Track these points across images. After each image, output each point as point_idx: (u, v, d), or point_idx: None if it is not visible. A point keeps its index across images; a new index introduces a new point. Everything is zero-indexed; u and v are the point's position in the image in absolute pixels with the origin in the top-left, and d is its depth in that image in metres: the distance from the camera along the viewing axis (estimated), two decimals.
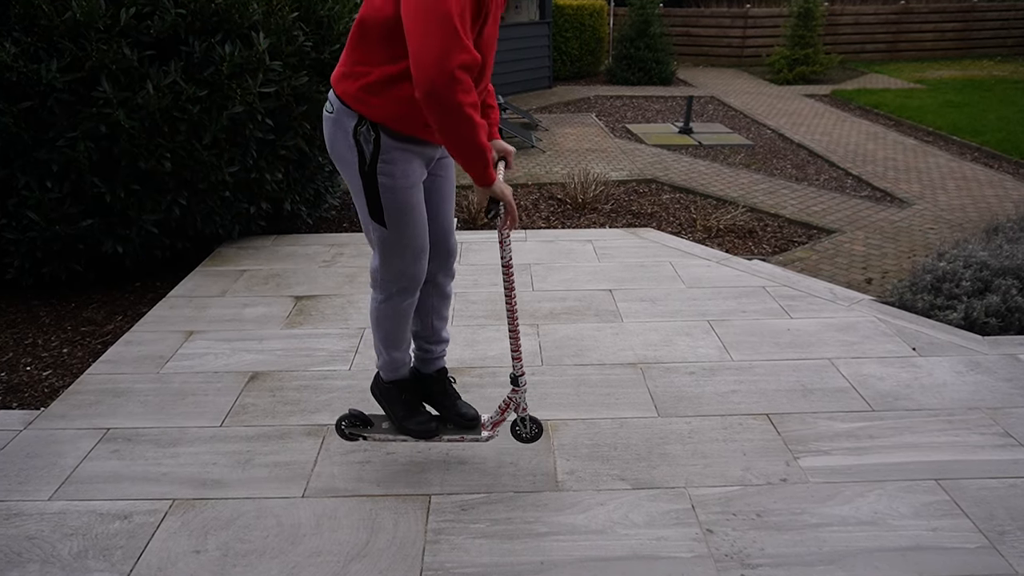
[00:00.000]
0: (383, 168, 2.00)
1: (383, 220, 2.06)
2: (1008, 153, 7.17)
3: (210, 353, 3.28)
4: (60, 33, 3.53)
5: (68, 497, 2.38)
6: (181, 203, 4.02)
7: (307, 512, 2.30)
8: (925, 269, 3.83)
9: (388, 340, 2.28)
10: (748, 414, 2.79)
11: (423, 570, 2.07)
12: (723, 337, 3.38)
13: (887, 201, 5.88)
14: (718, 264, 4.24)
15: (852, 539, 2.17)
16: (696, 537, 2.19)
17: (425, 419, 2.36)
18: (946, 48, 14.48)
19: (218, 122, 3.93)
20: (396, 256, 2.12)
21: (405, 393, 2.37)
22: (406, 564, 2.09)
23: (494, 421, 2.36)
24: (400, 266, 2.13)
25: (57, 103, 3.57)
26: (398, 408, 2.36)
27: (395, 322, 2.23)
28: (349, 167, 2.03)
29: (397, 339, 2.28)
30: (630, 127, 8.62)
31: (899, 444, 2.60)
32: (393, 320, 2.23)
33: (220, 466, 2.53)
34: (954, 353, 3.21)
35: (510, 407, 2.33)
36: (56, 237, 3.77)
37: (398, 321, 2.23)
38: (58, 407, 2.88)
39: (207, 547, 2.16)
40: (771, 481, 2.43)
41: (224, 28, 3.95)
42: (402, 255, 2.11)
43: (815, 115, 9.35)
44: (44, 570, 2.08)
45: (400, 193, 2.02)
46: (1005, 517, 2.25)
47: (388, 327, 2.25)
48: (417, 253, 2.13)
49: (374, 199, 2.03)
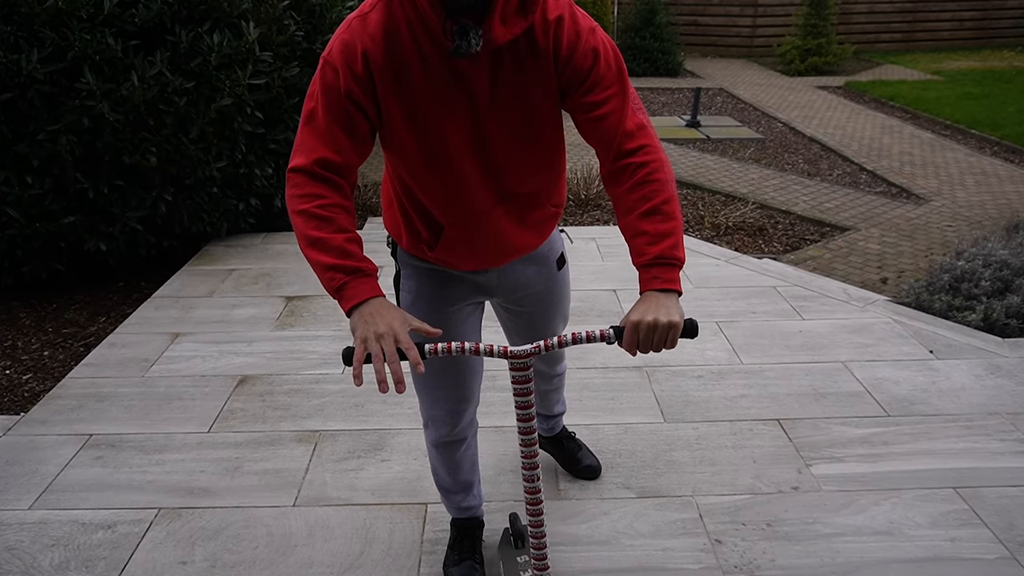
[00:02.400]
0: (405, 284, 1.79)
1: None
2: None
3: (197, 356, 3.28)
4: (41, 22, 3.53)
5: (49, 506, 2.38)
6: (167, 199, 4.02)
7: (298, 521, 2.30)
8: (943, 268, 3.83)
9: (433, 473, 2.06)
10: (758, 419, 2.79)
11: None
12: (732, 339, 3.38)
13: (903, 197, 5.88)
14: (727, 263, 4.24)
15: (866, 550, 2.17)
16: (704, 548, 2.18)
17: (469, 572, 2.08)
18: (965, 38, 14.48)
19: (206, 115, 3.93)
20: (417, 386, 1.86)
21: (460, 536, 2.13)
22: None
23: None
24: (422, 398, 1.88)
25: (38, 95, 3.57)
26: (449, 550, 2.14)
27: (433, 458, 2.01)
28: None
29: (440, 477, 2.04)
30: None
31: (915, 451, 2.60)
32: (431, 454, 2.01)
33: (208, 474, 2.53)
34: (973, 356, 3.21)
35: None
36: (37, 235, 3.76)
37: (436, 457, 1.99)
38: (39, 412, 2.88)
39: (194, 558, 2.16)
40: (782, 489, 2.42)
41: (212, 17, 3.95)
42: (421, 390, 1.86)
43: (828, 108, 9.35)
44: None
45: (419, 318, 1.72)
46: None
47: (430, 459, 2.03)
48: (434, 396, 1.84)
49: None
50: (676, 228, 1.42)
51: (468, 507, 2.11)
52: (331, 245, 1.41)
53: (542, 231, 1.74)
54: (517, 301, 1.87)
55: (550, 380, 2.23)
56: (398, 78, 1.44)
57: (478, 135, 1.51)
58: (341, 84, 1.43)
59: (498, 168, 1.55)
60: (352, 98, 1.44)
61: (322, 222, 1.43)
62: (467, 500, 2.10)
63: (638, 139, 1.48)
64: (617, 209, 1.51)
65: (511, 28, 1.40)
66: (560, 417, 2.43)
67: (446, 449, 1.95)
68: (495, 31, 1.39)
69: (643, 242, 1.42)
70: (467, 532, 2.14)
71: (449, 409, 1.86)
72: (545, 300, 1.89)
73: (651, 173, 1.46)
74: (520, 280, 1.82)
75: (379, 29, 1.43)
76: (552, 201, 1.71)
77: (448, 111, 1.47)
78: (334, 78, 1.44)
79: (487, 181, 1.56)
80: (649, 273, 1.41)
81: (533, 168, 1.59)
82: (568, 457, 2.49)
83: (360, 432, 2.75)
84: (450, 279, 1.76)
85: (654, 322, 1.34)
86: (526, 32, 1.44)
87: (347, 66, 1.43)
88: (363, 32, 1.43)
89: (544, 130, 1.54)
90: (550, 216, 1.73)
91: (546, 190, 1.66)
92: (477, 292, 1.81)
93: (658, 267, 1.40)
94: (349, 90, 1.43)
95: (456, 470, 2.01)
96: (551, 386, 2.26)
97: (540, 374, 2.21)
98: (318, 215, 1.43)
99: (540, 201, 1.66)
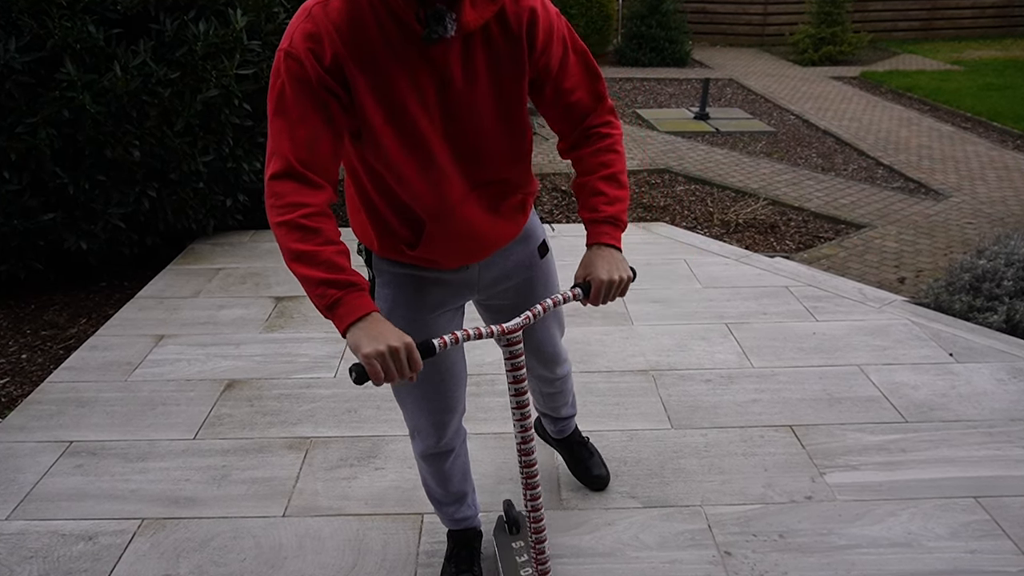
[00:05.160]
0: (380, 292, 1.78)
1: None
2: None
3: (182, 359, 3.29)
4: (19, 8, 3.53)
5: (27, 516, 2.38)
6: (151, 195, 4.02)
7: (288, 532, 2.30)
8: (963, 267, 3.83)
9: (424, 485, 2.07)
10: (770, 426, 2.80)
11: None
12: (742, 342, 3.39)
13: (921, 193, 5.89)
14: (737, 262, 4.24)
15: (883, 562, 2.17)
16: (713, 560, 2.19)
17: None
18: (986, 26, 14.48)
19: (191, 107, 3.93)
20: (399, 396, 1.87)
21: (457, 547, 2.14)
22: None
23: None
24: (405, 409, 1.88)
25: (16, 86, 3.57)
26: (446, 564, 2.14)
27: (422, 469, 2.01)
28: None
29: (430, 489, 2.04)
30: (641, 112, 8.62)
31: (935, 459, 2.60)
32: (420, 467, 2.01)
33: (193, 482, 2.53)
34: (995, 359, 3.21)
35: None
36: (14, 232, 3.76)
37: (425, 469, 2.00)
38: (16, 418, 2.88)
39: (179, 571, 2.17)
40: (795, 499, 2.43)
41: (198, 4, 3.95)
42: (404, 400, 1.86)
43: (843, 99, 9.35)
44: None
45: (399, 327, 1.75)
46: None
47: (420, 471, 2.04)
48: (419, 406, 1.84)
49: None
50: (627, 197, 1.72)
51: (463, 518, 2.11)
52: (320, 259, 1.40)
53: (518, 219, 1.78)
54: (501, 294, 1.89)
55: (552, 383, 2.23)
56: (366, 67, 1.44)
57: (451, 121, 1.54)
58: (311, 74, 1.42)
59: (472, 154, 1.60)
60: (325, 85, 1.43)
61: (307, 233, 1.41)
62: (461, 511, 2.10)
63: (604, 115, 1.71)
64: (577, 168, 1.73)
65: (481, 13, 1.45)
66: (570, 420, 2.43)
67: (434, 461, 1.95)
68: (467, 15, 1.43)
69: (601, 200, 1.68)
70: (464, 543, 2.13)
71: (434, 421, 1.86)
72: (530, 289, 1.91)
73: (614, 144, 1.70)
74: (503, 271, 1.84)
75: (342, 16, 1.43)
76: (524, 188, 1.75)
77: (420, 98, 1.49)
78: (300, 69, 1.42)
79: (462, 168, 1.60)
80: (601, 228, 1.67)
81: (506, 153, 1.64)
82: (577, 463, 2.49)
83: (353, 439, 2.75)
84: (429, 284, 1.76)
85: (616, 279, 1.62)
86: (497, 16, 1.49)
87: (313, 55, 1.42)
88: (326, 20, 1.43)
89: (515, 114, 1.60)
90: (522, 202, 1.77)
91: (516, 176, 1.71)
92: (458, 294, 1.81)
93: (609, 225, 1.67)
94: (320, 78, 1.42)
95: (446, 482, 2.00)
96: (554, 388, 2.26)
97: (542, 379, 2.21)
98: (303, 225, 1.41)
99: (512, 188, 1.72)
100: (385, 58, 1.44)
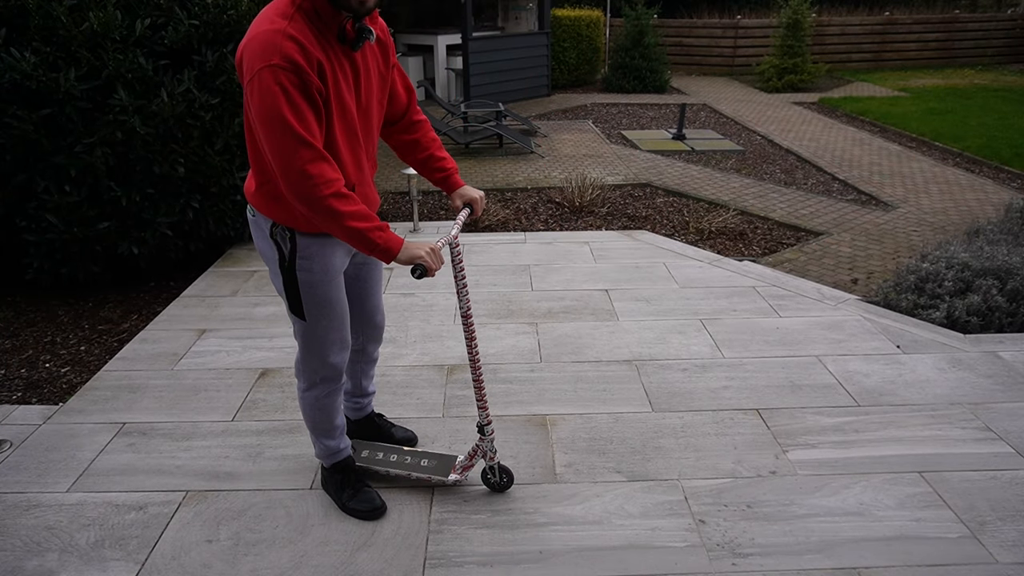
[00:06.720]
0: (302, 264, 1.93)
1: (303, 314, 1.99)
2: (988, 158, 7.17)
3: (222, 351, 3.28)
4: (78, 43, 3.53)
5: (85, 489, 2.38)
6: (194, 206, 4.02)
7: (315, 503, 2.30)
8: (909, 270, 3.83)
9: (318, 429, 2.20)
10: (739, 409, 2.79)
11: (427, 559, 2.07)
12: (715, 335, 3.38)
13: (872, 204, 5.88)
14: (710, 265, 4.24)
15: (839, 529, 2.17)
16: (689, 527, 2.19)
17: (369, 498, 2.25)
18: (929, 57, 14.47)
19: (230, 129, 3.92)
20: (316, 347, 2.05)
21: (347, 475, 2.28)
22: (410, 553, 2.10)
23: (463, 466, 2.29)
24: (320, 357, 2.07)
25: (75, 110, 3.57)
26: (343, 493, 2.26)
27: (321, 412, 2.16)
28: (271, 263, 1.98)
29: (326, 428, 2.20)
30: (625, 133, 8.62)
31: (884, 438, 2.60)
32: (319, 410, 2.15)
33: (232, 459, 2.53)
34: (937, 350, 3.21)
35: (477, 454, 2.27)
36: (74, 239, 3.76)
37: (324, 411, 2.16)
38: (76, 402, 2.88)
39: (219, 536, 2.16)
40: (761, 473, 2.42)
41: (236, 38, 3.95)
42: (321, 347, 2.05)
43: (803, 122, 9.34)
44: (62, 559, 2.08)
45: (319, 288, 1.97)
46: (985, 508, 2.25)
47: (316, 417, 2.17)
48: (337, 345, 2.07)
49: (294, 294, 1.97)
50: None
51: (344, 447, 2.28)
52: (364, 214, 1.75)
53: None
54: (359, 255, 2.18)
55: (372, 360, 2.40)
56: (325, 73, 1.70)
57: (364, 108, 1.87)
58: (307, 79, 1.65)
59: (370, 132, 1.94)
60: (316, 87, 1.67)
61: (348, 199, 1.73)
62: (344, 440, 2.27)
63: (418, 111, 2.16)
64: (410, 149, 2.15)
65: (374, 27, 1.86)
66: (372, 396, 2.51)
67: (334, 393, 2.14)
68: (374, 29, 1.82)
69: (445, 163, 2.17)
70: (351, 469, 2.30)
71: (343, 336, 2.07)
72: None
73: (431, 130, 2.17)
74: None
75: (305, 35, 1.67)
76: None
77: (349, 92, 1.80)
78: (298, 77, 1.64)
79: (367, 145, 1.93)
80: (454, 176, 2.17)
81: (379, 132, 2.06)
82: (382, 433, 2.54)
83: None
84: (335, 249, 1.97)
85: (481, 194, 2.17)
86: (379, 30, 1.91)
87: (306, 63, 1.64)
88: (299, 37, 1.65)
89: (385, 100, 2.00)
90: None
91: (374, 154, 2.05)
92: (347, 254, 2.04)
93: (457, 175, 2.18)
94: (313, 82, 1.66)
95: (335, 412, 2.18)
96: (373, 360, 2.40)
97: (368, 358, 2.36)
98: (345, 194, 1.72)
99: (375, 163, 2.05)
100: (332, 64, 1.73)
